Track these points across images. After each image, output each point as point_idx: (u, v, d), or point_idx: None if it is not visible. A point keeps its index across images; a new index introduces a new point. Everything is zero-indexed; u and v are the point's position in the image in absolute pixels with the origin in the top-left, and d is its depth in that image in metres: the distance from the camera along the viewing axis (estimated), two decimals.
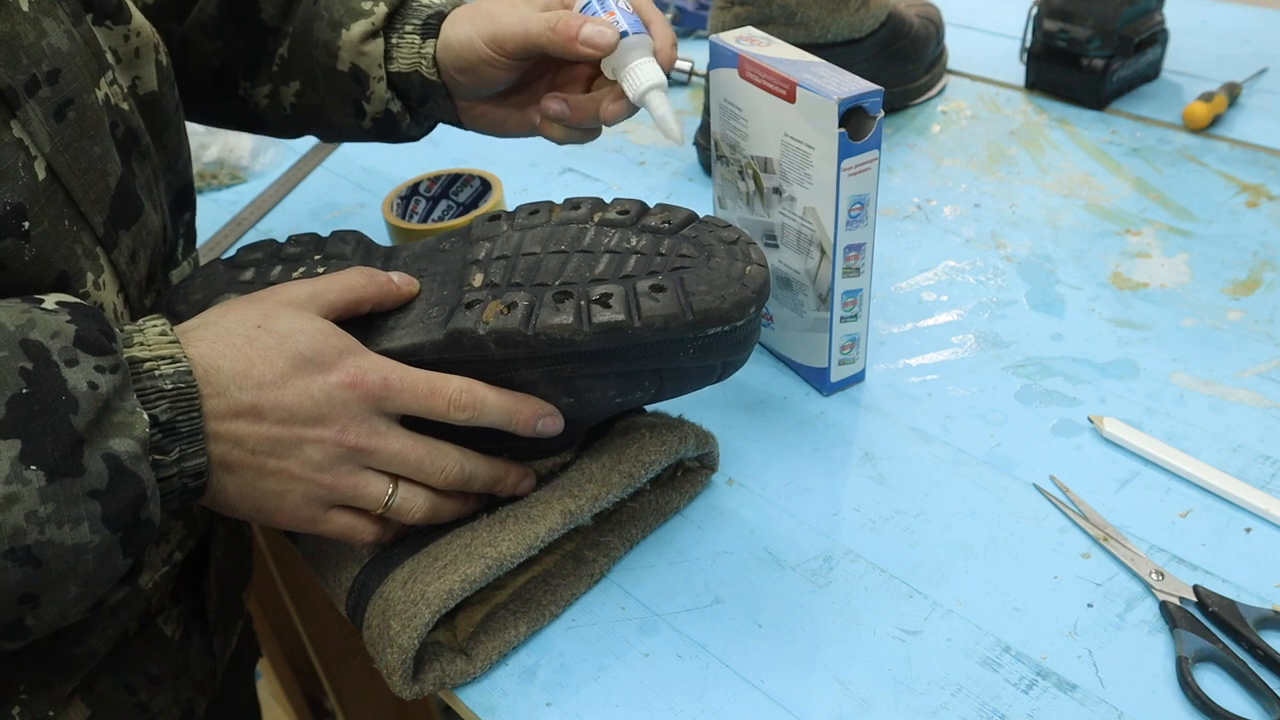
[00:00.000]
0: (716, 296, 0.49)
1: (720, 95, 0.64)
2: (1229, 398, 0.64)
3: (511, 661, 0.53)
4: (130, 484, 0.40)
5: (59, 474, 0.38)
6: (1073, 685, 0.49)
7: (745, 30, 0.64)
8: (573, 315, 0.49)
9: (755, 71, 0.60)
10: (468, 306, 0.51)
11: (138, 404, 0.42)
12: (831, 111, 0.56)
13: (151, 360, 0.43)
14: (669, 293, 0.49)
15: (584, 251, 0.53)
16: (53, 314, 0.41)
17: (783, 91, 0.59)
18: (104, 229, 0.48)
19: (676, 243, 0.53)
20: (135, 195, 0.51)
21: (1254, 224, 0.79)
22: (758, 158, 0.63)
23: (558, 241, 0.54)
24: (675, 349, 0.51)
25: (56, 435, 0.39)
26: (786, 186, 0.62)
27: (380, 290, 0.52)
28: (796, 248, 0.63)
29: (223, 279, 0.57)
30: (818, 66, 0.59)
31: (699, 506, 0.60)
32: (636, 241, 0.53)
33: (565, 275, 0.52)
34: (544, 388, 0.52)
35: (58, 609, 0.41)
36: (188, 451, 0.44)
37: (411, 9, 0.65)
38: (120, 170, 0.49)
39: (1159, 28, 0.97)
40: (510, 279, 0.53)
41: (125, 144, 0.51)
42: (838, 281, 0.62)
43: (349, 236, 0.60)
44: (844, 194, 0.58)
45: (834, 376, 0.66)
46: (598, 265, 0.52)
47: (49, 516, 0.38)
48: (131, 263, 0.50)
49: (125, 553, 0.41)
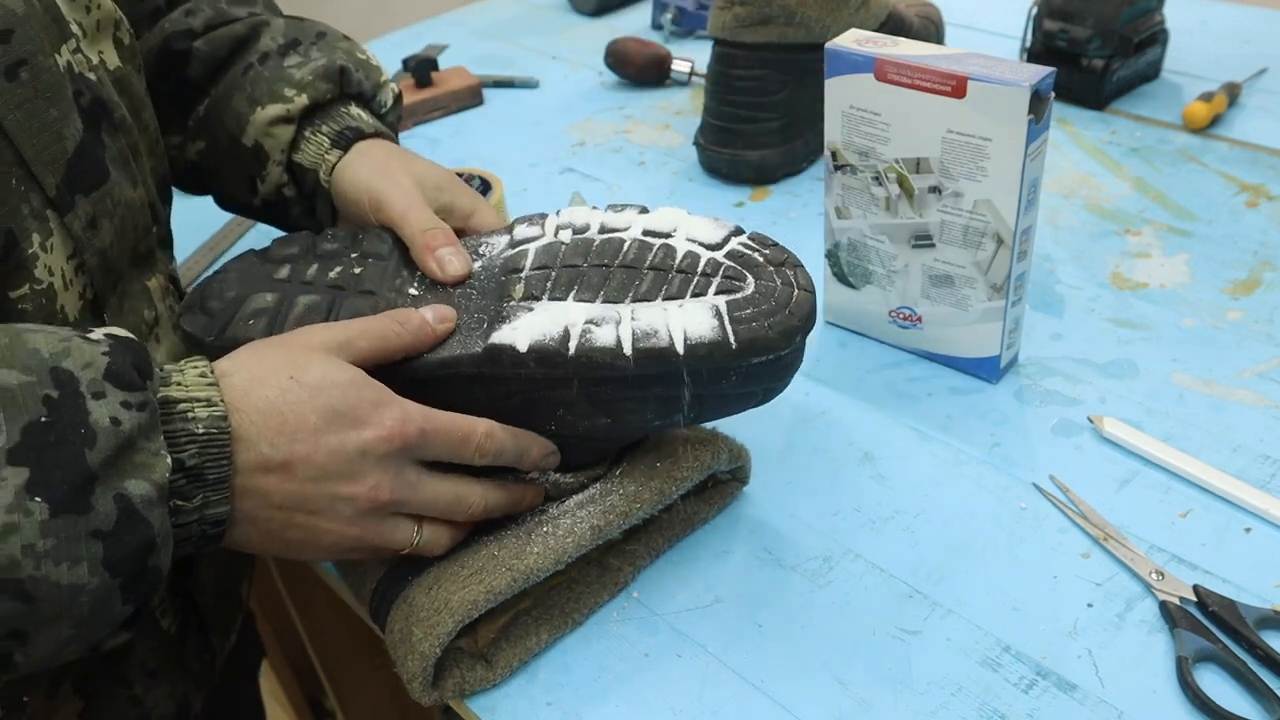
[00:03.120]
0: (763, 325, 0.49)
1: (844, 103, 0.64)
2: (1229, 398, 0.64)
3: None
4: (139, 528, 0.39)
5: (64, 509, 0.37)
6: (1073, 685, 0.49)
7: (858, 33, 0.64)
8: (614, 339, 0.49)
9: (904, 72, 0.60)
10: (508, 320, 0.51)
11: (163, 446, 0.40)
12: (1021, 99, 0.56)
13: (186, 402, 0.43)
14: (713, 320, 0.49)
15: (627, 267, 0.53)
16: (92, 344, 0.41)
17: (947, 88, 0.59)
18: (56, 190, 0.47)
19: (722, 262, 0.52)
20: (101, 163, 0.50)
21: (1254, 224, 0.79)
22: (906, 160, 0.63)
23: (600, 254, 0.53)
24: (718, 376, 0.50)
25: (68, 468, 0.38)
26: (950, 183, 0.62)
27: (415, 338, 0.51)
28: (963, 243, 0.63)
29: (258, 273, 0.56)
30: (973, 58, 0.59)
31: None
32: (681, 259, 0.53)
33: (608, 292, 0.51)
34: (581, 406, 0.52)
35: (49, 648, 0.40)
36: (211, 499, 0.43)
37: (335, 114, 0.65)
38: (81, 135, 0.48)
39: (1159, 28, 0.97)
40: (552, 292, 0.52)
41: (93, 113, 0.50)
42: (1014, 267, 0.62)
43: (386, 235, 0.59)
44: (1026, 179, 0.59)
45: (1003, 362, 0.67)
46: (642, 284, 0.52)
47: (47, 552, 0.37)
48: (90, 228, 0.49)
49: (125, 599, 0.40)
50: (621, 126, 1.03)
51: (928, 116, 0.61)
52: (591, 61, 1.16)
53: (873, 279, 0.69)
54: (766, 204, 0.89)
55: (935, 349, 0.69)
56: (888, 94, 0.62)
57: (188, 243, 0.90)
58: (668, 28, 1.21)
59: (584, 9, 1.31)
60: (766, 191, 0.90)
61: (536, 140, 1.02)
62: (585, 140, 1.01)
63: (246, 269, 0.57)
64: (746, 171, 0.90)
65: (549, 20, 1.31)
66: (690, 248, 0.53)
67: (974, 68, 0.58)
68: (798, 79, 0.87)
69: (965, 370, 0.68)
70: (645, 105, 1.07)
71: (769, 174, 0.90)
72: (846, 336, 0.73)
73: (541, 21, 1.31)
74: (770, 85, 0.87)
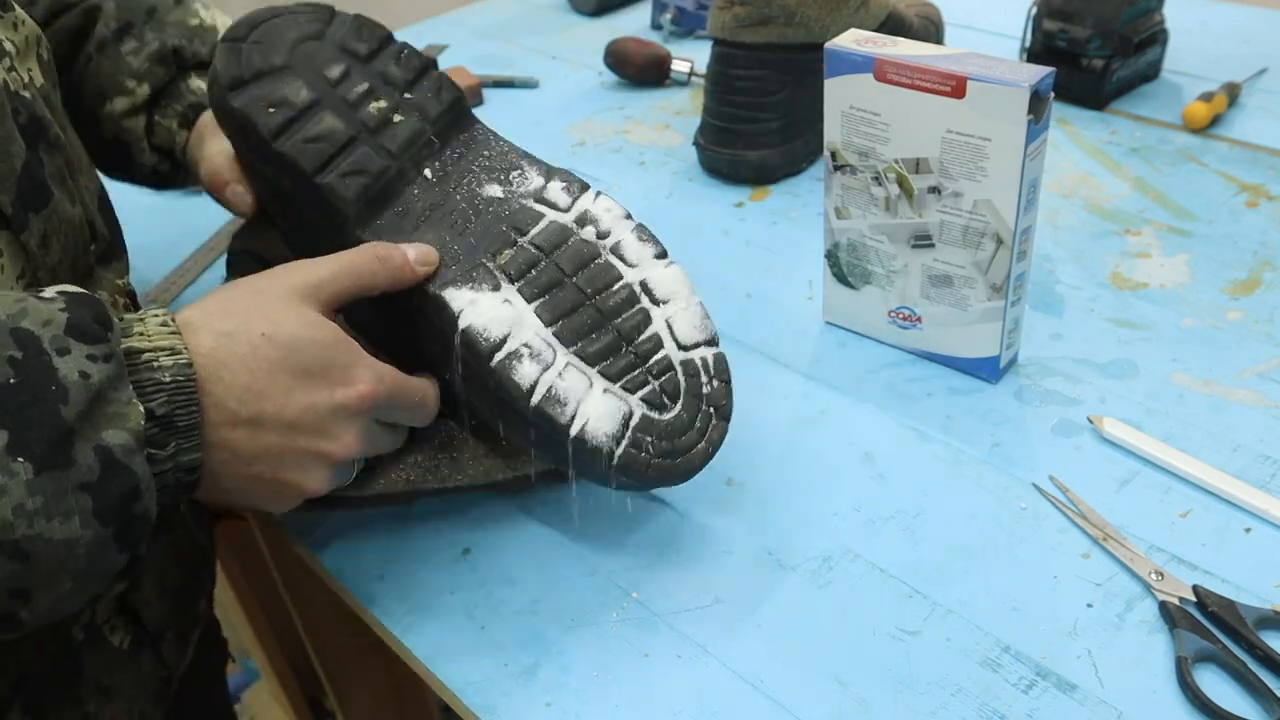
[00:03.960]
0: (649, 459, 0.51)
1: (844, 103, 0.64)
2: (1229, 398, 0.64)
3: (511, 662, 0.53)
4: (123, 477, 0.40)
5: (47, 466, 0.38)
6: (1072, 685, 0.49)
7: (857, 33, 0.64)
8: (531, 382, 0.50)
9: (903, 72, 0.60)
10: (472, 285, 0.52)
11: (133, 395, 0.41)
12: (1021, 99, 0.56)
13: (151, 351, 0.43)
14: (618, 426, 0.51)
15: (599, 312, 0.53)
16: (47, 302, 0.41)
17: (946, 88, 0.59)
18: (12, 209, 0.47)
19: (673, 368, 0.53)
20: (44, 181, 0.50)
21: (1254, 224, 0.79)
22: (905, 160, 0.63)
23: (590, 280, 0.54)
24: (589, 467, 0.52)
25: (44, 426, 0.38)
26: (949, 183, 0.62)
27: (392, 277, 0.52)
28: (962, 243, 0.63)
29: (317, 52, 0.54)
30: (972, 58, 0.59)
31: (699, 506, 0.60)
32: (645, 339, 0.53)
33: (566, 326, 0.52)
34: (476, 389, 0.53)
35: (50, 603, 0.40)
36: (183, 446, 0.43)
37: (177, 93, 0.66)
38: (25, 154, 0.48)
39: (1159, 28, 0.97)
40: (524, 286, 0.53)
41: (31, 131, 0.49)
42: (1014, 267, 0.62)
43: (448, 94, 0.57)
44: (1026, 179, 0.59)
45: (1003, 362, 0.67)
46: (596, 341, 0.52)
47: (37, 510, 0.38)
48: (43, 247, 0.49)
49: (120, 547, 0.41)
50: (621, 126, 1.03)
51: (927, 117, 0.61)
52: (591, 61, 1.16)
53: (872, 279, 0.69)
54: (766, 204, 0.89)
55: (935, 349, 0.69)
56: (887, 94, 0.62)
57: (188, 243, 0.90)
58: (667, 28, 1.21)
59: (584, 9, 1.31)
60: (766, 191, 0.90)
61: (536, 140, 1.02)
62: (585, 140, 1.01)
63: (312, 36, 0.55)
64: (746, 171, 0.90)
65: (549, 20, 1.31)
66: (661, 332, 0.54)
67: (973, 68, 0.58)
68: (797, 79, 0.87)
69: (965, 370, 0.68)
70: (645, 105, 1.07)
71: (769, 174, 0.91)
72: (846, 336, 0.73)
73: (541, 21, 1.31)
74: (770, 85, 0.87)
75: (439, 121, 0.57)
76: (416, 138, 0.56)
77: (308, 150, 0.53)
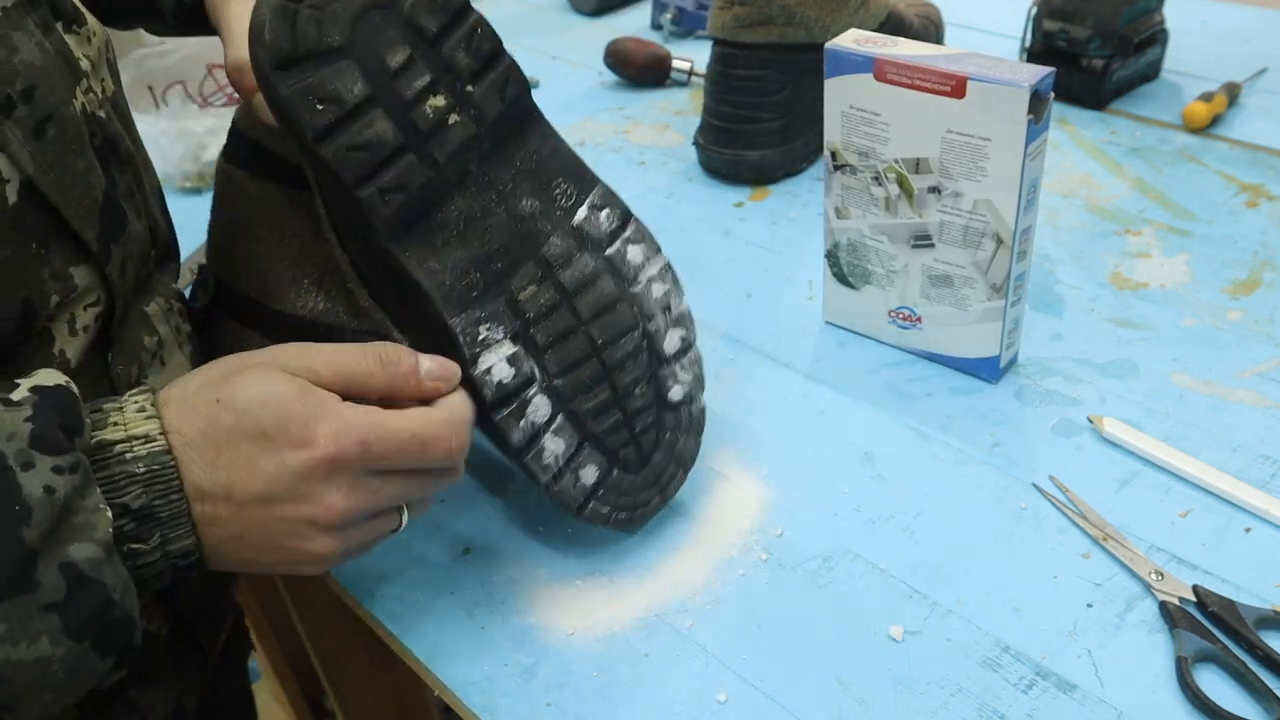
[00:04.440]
0: (612, 511, 0.55)
1: (844, 103, 0.64)
2: (1229, 398, 0.64)
3: (511, 661, 0.53)
4: (94, 590, 0.38)
5: (10, 592, 0.36)
6: (1072, 685, 0.49)
7: (857, 33, 0.64)
8: (521, 441, 0.51)
9: (903, 72, 0.60)
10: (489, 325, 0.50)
11: (100, 500, 0.39)
12: (1021, 99, 0.57)
13: (124, 441, 0.41)
14: (594, 500, 0.54)
15: (602, 364, 0.53)
16: (14, 410, 0.39)
17: (946, 88, 0.59)
18: (97, 244, 0.46)
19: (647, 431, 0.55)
20: (119, 205, 0.49)
21: (1254, 224, 0.79)
22: (905, 160, 0.63)
23: (605, 329, 0.53)
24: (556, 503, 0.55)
25: (8, 549, 0.36)
26: (949, 183, 0.62)
27: (391, 383, 0.46)
28: (962, 243, 0.63)
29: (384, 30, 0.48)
30: (972, 58, 0.59)
31: (698, 506, 0.60)
32: (634, 392, 0.54)
33: (567, 385, 0.52)
34: None
35: (38, 710, 0.39)
36: (171, 535, 0.41)
37: None
38: (104, 181, 0.47)
39: (1159, 28, 0.97)
40: (535, 339, 0.52)
41: (104, 153, 0.48)
42: (1014, 267, 0.62)
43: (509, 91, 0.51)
44: (1026, 179, 0.59)
45: (1003, 362, 0.67)
46: (593, 398, 0.53)
47: (2, 636, 0.36)
48: (121, 275, 0.48)
49: (101, 655, 0.39)
50: (621, 126, 1.03)
51: (927, 117, 0.61)
52: (591, 61, 1.16)
53: (872, 279, 0.69)
54: (766, 204, 0.89)
55: (935, 349, 0.69)
56: (887, 94, 0.62)
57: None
58: (667, 28, 1.21)
59: (584, 9, 1.31)
60: (766, 191, 0.90)
61: None
62: (585, 140, 1.01)
63: (380, 4, 0.47)
64: (746, 171, 0.90)
65: (549, 20, 1.31)
66: (654, 390, 0.55)
67: (973, 68, 0.58)
68: (797, 79, 0.87)
69: (965, 370, 0.68)
70: (645, 105, 1.07)
71: (769, 174, 0.91)
72: (846, 336, 0.73)
73: (541, 21, 1.31)
74: (770, 85, 0.87)
75: (497, 124, 0.51)
76: (469, 145, 0.50)
77: (350, 159, 0.47)
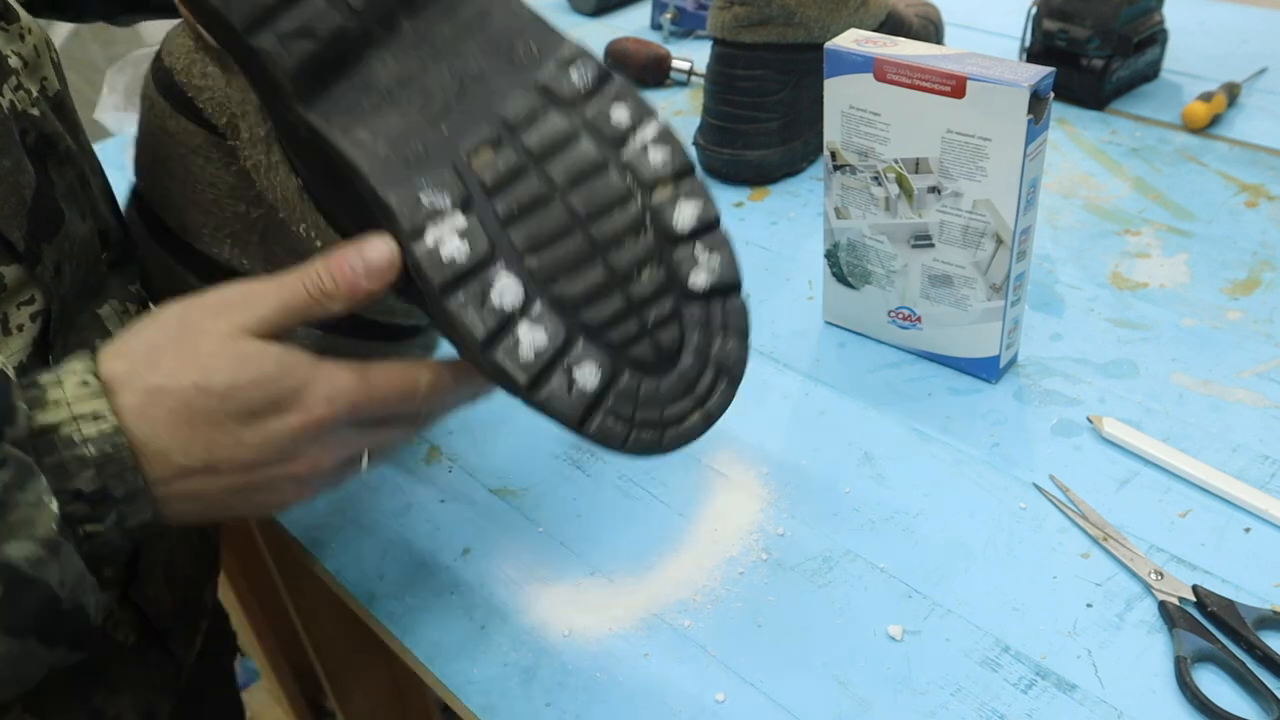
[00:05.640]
0: (644, 440, 0.41)
1: (843, 103, 0.64)
2: (1228, 398, 0.64)
3: (511, 661, 0.53)
4: (33, 592, 0.37)
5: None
6: (1072, 685, 0.49)
7: (857, 33, 0.64)
8: (484, 331, 0.40)
9: (903, 72, 0.60)
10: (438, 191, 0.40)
11: (44, 493, 0.37)
12: (1021, 99, 0.57)
13: (69, 423, 0.38)
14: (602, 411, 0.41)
15: (590, 239, 0.41)
16: None
17: (946, 88, 0.59)
18: (24, 244, 0.44)
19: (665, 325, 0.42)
20: (55, 204, 0.47)
21: (1253, 224, 0.80)
22: (905, 160, 0.63)
23: (585, 199, 0.42)
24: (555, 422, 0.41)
25: None
26: (949, 183, 0.62)
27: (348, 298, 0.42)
28: (962, 243, 0.63)
29: None
30: (972, 58, 0.59)
31: (698, 506, 0.60)
32: (640, 276, 0.42)
33: (542, 264, 0.41)
34: None
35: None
36: (128, 512, 0.40)
37: None
38: (35, 180, 0.46)
39: (1158, 28, 0.97)
40: (505, 200, 0.41)
41: (39, 151, 0.47)
42: (1013, 267, 0.62)
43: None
44: (1025, 178, 0.59)
45: (1002, 362, 0.67)
46: (582, 280, 0.41)
47: None
48: (56, 276, 0.47)
49: (50, 645, 0.38)
50: None
51: (927, 116, 0.61)
52: None
53: (872, 279, 0.69)
54: (766, 204, 0.89)
55: (935, 349, 0.69)
56: (887, 94, 0.62)
57: None
58: (667, 28, 1.21)
59: (584, 9, 1.30)
60: (766, 191, 0.90)
61: None
62: None
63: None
64: (746, 171, 0.90)
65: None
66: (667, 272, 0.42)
67: (973, 68, 0.58)
68: (797, 79, 0.87)
69: (965, 370, 0.68)
70: None
71: (768, 174, 0.91)
72: (846, 336, 0.73)
73: None
74: (770, 85, 0.87)
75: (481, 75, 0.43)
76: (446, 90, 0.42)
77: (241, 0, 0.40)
